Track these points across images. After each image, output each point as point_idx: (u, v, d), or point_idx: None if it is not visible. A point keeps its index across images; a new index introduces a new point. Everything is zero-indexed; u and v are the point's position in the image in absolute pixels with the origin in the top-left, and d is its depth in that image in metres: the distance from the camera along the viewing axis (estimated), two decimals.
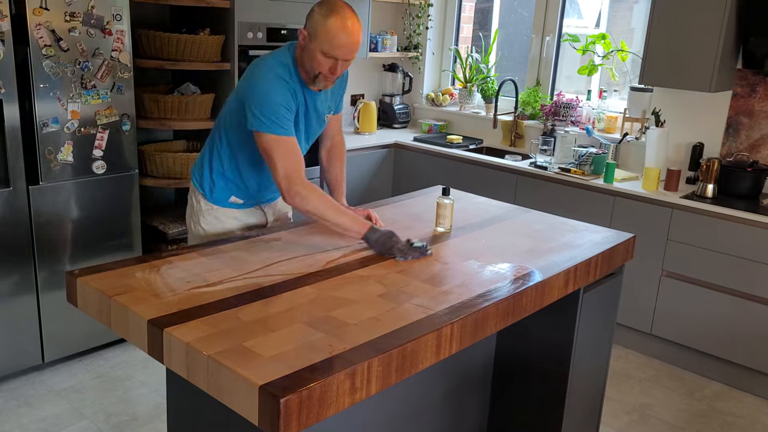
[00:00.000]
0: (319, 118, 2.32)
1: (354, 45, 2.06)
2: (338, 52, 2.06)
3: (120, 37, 3.06)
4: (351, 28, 2.04)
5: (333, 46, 2.04)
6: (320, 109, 2.29)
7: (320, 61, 2.08)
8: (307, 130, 2.31)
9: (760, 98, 3.56)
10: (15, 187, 2.89)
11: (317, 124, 2.33)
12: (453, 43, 5.08)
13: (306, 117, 2.25)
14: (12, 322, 2.99)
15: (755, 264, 3.18)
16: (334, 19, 2.03)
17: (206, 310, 1.65)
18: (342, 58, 2.08)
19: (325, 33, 2.04)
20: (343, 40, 2.04)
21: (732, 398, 3.30)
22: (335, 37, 2.03)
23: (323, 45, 2.05)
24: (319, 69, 2.10)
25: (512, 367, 2.53)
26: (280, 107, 2.08)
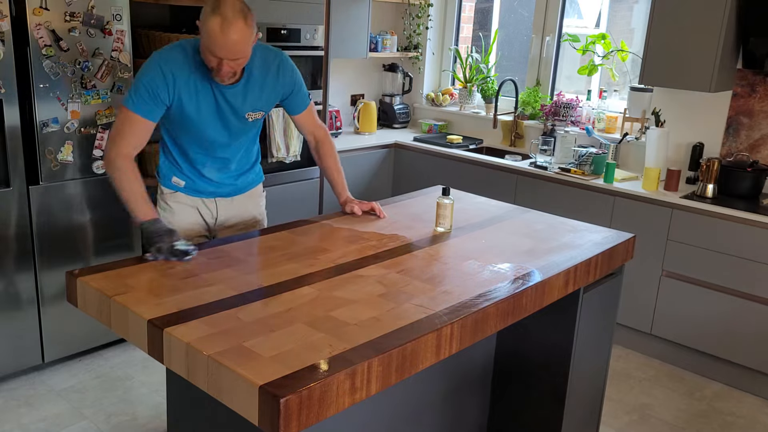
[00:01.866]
0: (236, 113, 2.27)
1: (234, 46, 2.02)
2: (219, 53, 2.04)
3: (120, 37, 3.06)
4: (227, 30, 1.99)
5: (213, 46, 2.03)
6: (234, 105, 2.25)
7: (208, 57, 2.08)
8: (221, 122, 2.27)
9: (760, 98, 3.56)
10: (15, 187, 2.89)
11: (236, 119, 2.28)
12: (453, 43, 5.08)
13: (217, 110, 2.24)
14: (12, 322, 2.99)
15: (755, 264, 3.18)
16: (213, 19, 1.99)
17: (206, 310, 1.65)
18: (225, 58, 2.05)
19: (206, 32, 2.02)
20: (221, 41, 2.00)
21: (732, 398, 3.30)
22: (214, 37, 2.01)
23: (206, 43, 2.05)
24: (209, 65, 2.10)
25: (512, 367, 2.53)
26: (141, 87, 2.12)
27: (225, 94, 2.21)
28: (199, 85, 2.18)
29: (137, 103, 2.12)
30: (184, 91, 2.16)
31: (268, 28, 3.66)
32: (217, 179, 2.42)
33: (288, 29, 3.76)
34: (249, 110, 2.29)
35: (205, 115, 2.23)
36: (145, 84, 2.12)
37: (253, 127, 2.41)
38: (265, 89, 2.29)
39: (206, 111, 2.22)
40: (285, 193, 3.98)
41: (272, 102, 2.36)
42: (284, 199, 3.97)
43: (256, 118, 2.34)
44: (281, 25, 3.72)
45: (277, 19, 3.70)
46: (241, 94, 2.24)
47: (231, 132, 2.32)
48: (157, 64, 2.13)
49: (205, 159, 2.36)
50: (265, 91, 2.30)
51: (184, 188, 2.41)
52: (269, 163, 3.84)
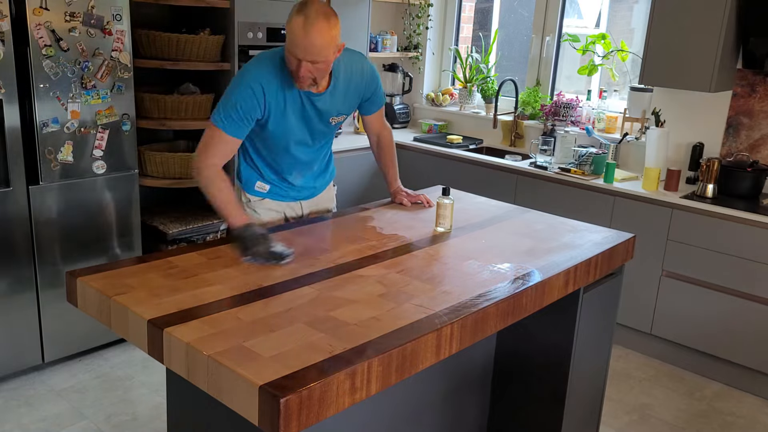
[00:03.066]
0: (322, 118, 2.30)
1: (310, 47, 2.01)
2: (296, 52, 2.04)
3: (120, 37, 3.06)
4: (309, 29, 1.99)
5: (292, 44, 2.03)
6: (321, 109, 2.27)
7: (289, 59, 2.08)
8: (307, 129, 2.31)
9: (760, 98, 3.56)
10: (15, 187, 2.89)
11: (320, 123, 2.32)
12: (453, 43, 5.08)
13: (303, 114, 2.26)
14: (12, 322, 2.99)
15: (755, 264, 3.18)
16: (297, 18, 2.01)
17: (206, 310, 1.65)
18: (302, 59, 2.04)
19: (289, 31, 2.04)
20: (299, 40, 2.01)
21: (732, 398, 3.30)
22: (295, 36, 2.02)
23: (288, 43, 2.06)
24: (290, 67, 2.10)
25: (512, 367, 2.53)
26: (231, 106, 2.12)
27: (313, 101, 2.23)
28: (287, 94, 2.19)
29: (226, 122, 2.12)
30: (274, 104, 2.18)
31: (268, 28, 3.66)
32: (300, 183, 2.48)
33: None
34: (334, 114, 2.33)
35: (291, 124, 2.25)
36: (235, 103, 2.11)
37: (335, 130, 2.45)
38: (348, 94, 2.33)
39: (293, 119, 2.25)
40: None
41: (354, 105, 2.41)
42: None
43: (339, 121, 2.38)
44: (281, 25, 3.72)
45: (277, 19, 3.70)
46: (328, 101, 2.27)
47: (314, 136, 2.36)
48: (248, 83, 2.12)
49: (290, 165, 2.40)
50: (349, 96, 2.34)
51: (270, 193, 2.45)
52: None
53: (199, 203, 3.95)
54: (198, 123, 3.60)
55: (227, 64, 3.58)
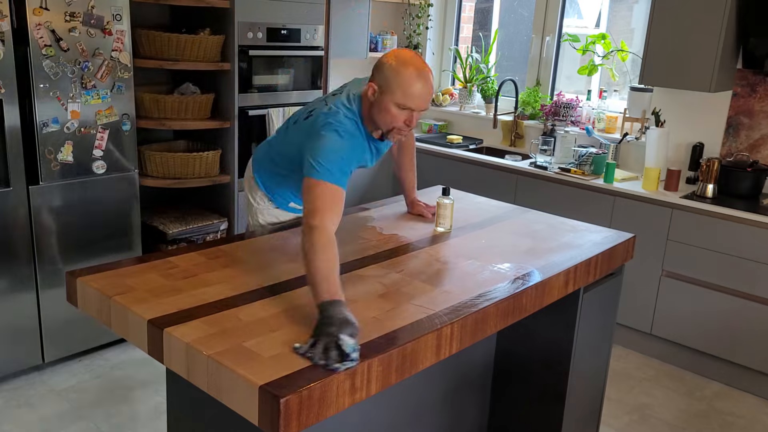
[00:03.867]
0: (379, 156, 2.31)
1: (430, 94, 2.01)
2: (414, 103, 1.99)
3: (120, 37, 3.06)
4: (426, 77, 1.99)
5: (408, 96, 1.97)
6: (381, 150, 2.28)
7: (394, 114, 2.00)
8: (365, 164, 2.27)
9: (760, 98, 3.56)
10: (15, 187, 2.89)
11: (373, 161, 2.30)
12: (453, 43, 5.08)
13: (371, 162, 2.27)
14: (12, 322, 2.99)
15: (755, 264, 3.18)
16: (409, 69, 1.96)
17: (206, 310, 1.65)
18: (418, 109, 2.01)
19: (398, 84, 1.96)
20: (419, 90, 1.97)
21: (732, 398, 3.30)
22: (410, 87, 1.96)
23: (397, 97, 1.97)
24: (394, 123, 2.02)
25: (512, 366, 2.53)
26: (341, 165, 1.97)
27: (378, 147, 2.23)
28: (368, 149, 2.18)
29: (339, 179, 1.95)
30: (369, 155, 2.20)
31: (268, 28, 3.66)
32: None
33: (288, 29, 3.77)
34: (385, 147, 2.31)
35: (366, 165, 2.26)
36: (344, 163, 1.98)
37: None
38: None
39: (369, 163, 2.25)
40: None
41: None
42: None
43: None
44: (281, 25, 3.73)
45: (277, 19, 3.70)
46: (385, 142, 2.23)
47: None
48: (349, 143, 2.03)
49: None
50: None
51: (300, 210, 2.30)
52: None
53: (199, 203, 3.95)
54: (198, 123, 3.61)
55: (227, 64, 3.58)
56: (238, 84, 3.61)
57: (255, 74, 3.68)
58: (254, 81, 3.69)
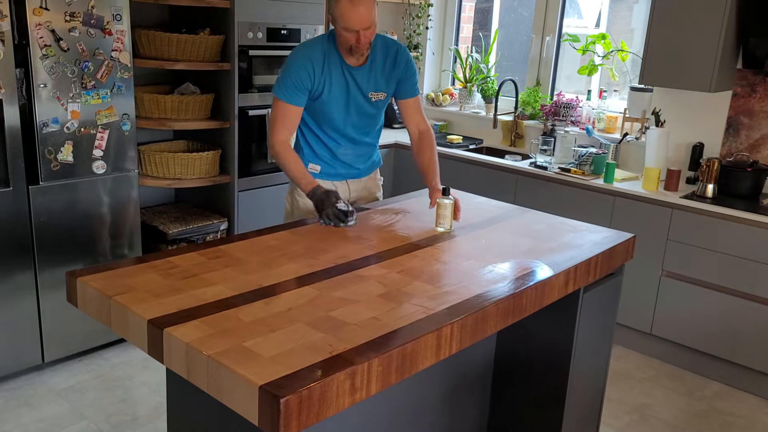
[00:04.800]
0: (362, 92, 2.59)
1: (364, 16, 2.38)
2: (354, 25, 2.39)
3: (120, 37, 3.06)
4: (358, 5, 2.37)
5: (348, 21, 2.39)
6: (361, 84, 2.57)
7: (346, 37, 2.43)
8: (350, 102, 2.60)
9: (760, 98, 3.56)
10: (15, 187, 2.89)
11: (362, 98, 2.60)
12: (453, 43, 5.08)
13: (347, 90, 2.57)
14: (12, 322, 2.99)
15: (755, 264, 3.18)
16: (343, 2, 2.38)
17: (206, 310, 1.65)
18: (360, 29, 2.40)
19: (339, 14, 2.40)
20: (353, 15, 2.38)
21: (732, 398, 3.30)
22: (347, 14, 2.38)
23: (342, 23, 2.41)
24: (349, 43, 2.44)
25: (512, 366, 2.53)
26: (288, 79, 2.50)
27: (354, 74, 2.56)
28: (333, 70, 2.53)
29: (287, 93, 2.51)
30: (321, 78, 2.52)
31: (268, 28, 3.66)
32: (348, 161, 2.73)
33: (288, 29, 3.76)
34: (372, 90, 2.61)
35: (336, 96, 2.57)
36: (290, 75, 2.51)
37: (378, 109, 2.71)
38: (385, 71, 2.62)
39: (337, 92, 2.57)
40: (285, 193, 3.97)
41: (391, 84, 2.66)
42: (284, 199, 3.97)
43: (379, 99, 2.65)
44: (281, 25, 3.72)
45: (277, 19, 3.70)
46: (367, 74, 2.58)
47: (359, 112, 2.64)
48: (299, 59, 2.52)
49: (338, 140, 2.68)
50: (385, 73, 2.62)
51: (321, 174, 2.70)
52: (269, 163, 3.85)
53: (199, 203, 3.95)
54: (198, 123, 3.61)
55: (227, 64, 3.58)
56: (238, 84, 3.61)
57: (255, 74, 3.68)
58: (254, 81, 3.69)
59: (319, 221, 2.39)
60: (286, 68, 2.53)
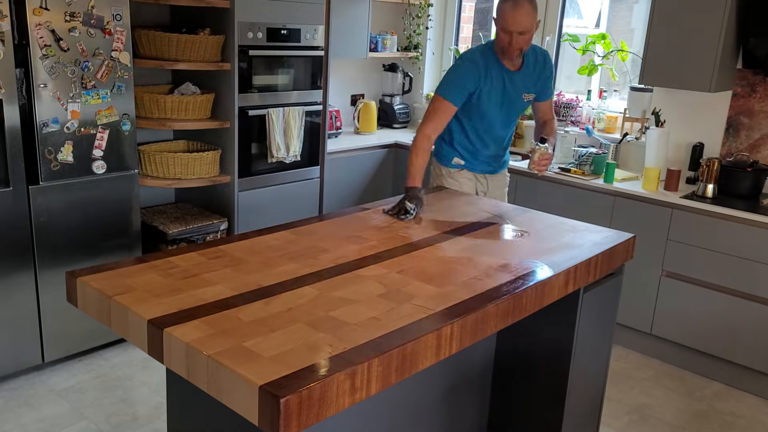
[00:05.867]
0: (517, 94, 2.89)
1: (519, 19, 2.65)
2: (507, 26, 2.68)
3: (120, 37, 3.06)
4: (517, 9, 2.65)
5: (506, 23, 2.68)
6: (518, 86, 2.88)
7: (501, 37, 2.73)
8: (505, 102, 2.89)
9: (760, 98, 3.56)
10: (15, 187, 2.89)
11: (516, 99, 2.91)
12: (453, 43, 5.08)
13: (504, 91, 2.86)
14: (12, 322, 2.99)
15: (755, 264, 3.18)
16: (506, 3, 2.68)
17: (206, 310, 1.65)
18: (513, 31, 2.67)
19: (500, 16, 2.71)
20: (511, 18, 2.66)
21: (732, 398, 3.30)
22: (506, 16, 2.67)
23: (499, 23, 2.71)
24: (501, 43, 2.74)
25: (512, 366, 2.53)
26: (455, 79, 2.80)
27: (511, 77, 2.86)
28: (492, 73, 2.82)
29: (447, 91, 2.79)
30: (483, 81, 2.81)
31: (268, 28, 3.66)
32: (488, 158, 3.04)
33: (288, 29, 3.76)
34: (525, 91, 2.92)
35: (494, 98, 2.86)
36: (456, 76, 2.81)
37: (524, 108, 3.02)
38: (534, 75, 2.93)
39: (495, 94, 2.85)
40: (285, 193, 3.98)
41: (538, 86, 2.96)
42: (284, 199, 3.98)
43: (528, 99, 2.96)
44: (281, 25, 3.72)
45: (277, 19, 3.70)
46: (521, 77, 2.88)
47: (510, 110, 2.94)
48: (465, 63, 2.83)
49: (486, 139, 2.97)
50: (534, 77, 2.93)
51: (465, 166, 3.03)
52: (269, 163, 3.85)
53: (199, 203, 3.95)
54: (198, 123, 3.61)
55: (227, 64, 3.58)
56: (238, 84, 3.61)
57: (255, 74, 3.68)
58: (254, 81, 3.69)
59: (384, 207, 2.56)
60: (453, 70, 2.85)
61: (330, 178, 4.16)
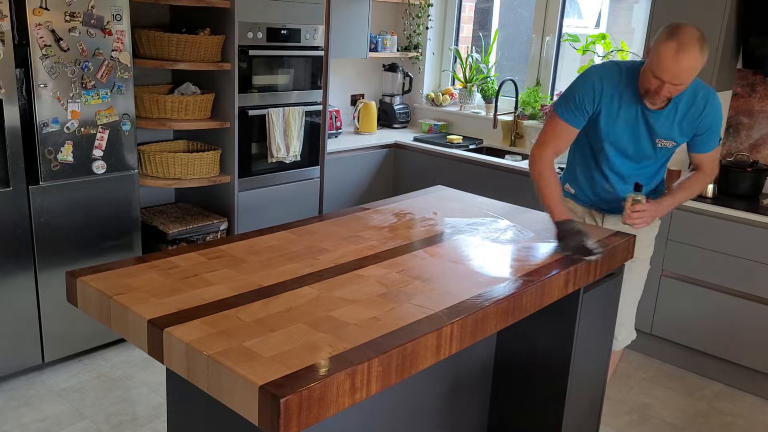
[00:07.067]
0: (651, 136, 2.40)
1: (683, 72, 2.14)
2: (663, 75, 2.17)
3: (120, 37, 3.06)
4: (682, 56, 2.12)
5: (660, 68, 2.16)
6: (653, 127, 2.38)
7: (650, 79, 2.22)
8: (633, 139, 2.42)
9: (760, 98, 3.56)
10: (15, 187, 2.89)
11: (648, 141, 2.41)
12: (453, 43, 5.08)
13: (633, 127, 2.39)
14: (12, 322, 2.99)
15: (755, 264, 3.18)
16: (669, 44, 2.14)
17: (206, 310, 1.65)
18: (669, 82, 2.18)
19: (657, 55, 2.16)
20: (671, 66, 2.14)
21: (732, 398, 3.30)
22: (665, 61, 2.14)
23: (654, 65, 2.18)
24: (647, 86, 2.25)
25: (512, 366, 2.53)
26: (571, 97, 2.37)
27: (648, 116, 2.36)
28: (624, 101, 2.35)
29: (565, 111, 2.39)
30: (607, 104, 2.36)
31: (268, 28, 3.66)
32: (605, 195, 2.59)
33: (288, 29, 3.77)
34: (662, 137, 2.41)
35: (619, 131, 2.40)
36: (575, 94, 2.37)
37: (660, 156, 2.50)
38: (684, 121, 2.38)
39: (622, 127, 2.40)
40: (285, 193, 3.98)
41: (686, 135, 2.42)
42: (284, 199, 3.98)
43: (666, 146, 2.44)
44: (281, 25, 3.73)
45: (277, 19, 3.70)
46: (662, 120, 2.36)
47: (638, 152, 2.46)
48: (590, 78, 2.37)
49: (607, 173, 2.54)
50: (684, 123, 2.39)
51: (574, 196, 2.67)
52: (269, 163, 3.85)
53: (199, 203, 3.95)
54: (198, 123, 3.61)
55: (227, 64, 3.58)
56: (238, 84, 3.61)
57: (255, 74, 3.68)
58: (254, 81, 3.69)
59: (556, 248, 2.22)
60: (574, 85, 2.41)
61: (330, 178, 4.17)
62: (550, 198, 2.39)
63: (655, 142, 2.42)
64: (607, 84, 2.34)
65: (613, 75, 2.35)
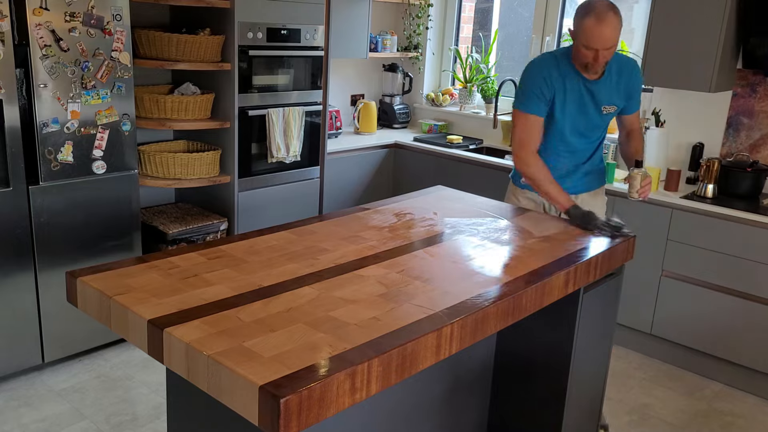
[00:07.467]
0: (596, 104, 2.66)
1: (607, 38, 2.43)
2: (595, 44, 2.45)
3: (120, 37, 3.06)
4: (602, 23, 2.42)
5: (590, 40, 2.44)
6: (596, 96, 2.65)
7: (584, 54, 2.50)
8: (583, 113, 2.67)
9: (760, 98, 3.56)
10: (15, 187, 2.89)
11: (594, 110, 2.67)
12: (453, 43, 5.08)
13: (580, 101, 2.64)
14: (12, 322, 2.99)
15: (755, 264, 3.18)
16: (588, 18, 2.44)
17: (206, 310, 1.65)
18: (601, 48, 2.45)
19: (582, 31, 2.46)
20: (597, 34, 2.43)
21: (732, 398, 3.30)
22: (590, 32, 2.44)
23: (582, 40, 2.47)
24: (585, 60, 2.52)
25: (512, 367, 2.53)
26: (529, 90, 2.59)
27: (590, 87, 2.63)
28: (567, 82, 2.61)
29: (527, 104, 2.61)
30: (557, 89, 2.61)
31: (268, 28, 3.66)
32: (565, 172, 2.76)
33: (288, 29, 3.77)
34: (605, 103, 2.68)
35: (570, 108, 2.64)
36: (531, 87, 2.60)
37: (604, 123, 2.77)
38: (619, 86, 2.69)
39: (571, 104, 2.64)
40: (285, 193, 3.98)
41: (622, 98, 2.72)
42: (284, 199, 3.98)
43: (609, 112, 2.72)
44: (281, 25, 3.73)
45: (277, 19, 3.70)
46: (603, 88, 2.65)
47: (589, 126, 2.71)
48: (537, 68, 2.62)
49: (560, 151, 2.74)
50: (619, 88, 2.69)
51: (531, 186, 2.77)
52: (269, 163, 3.85)
53: (199, 203, 3.95)
54: (198, 123, 3.61)
55: (227, 64, 3.58)
56: (238, 84, 3.61)
57: (255, 74, 3.68)
58: (254, 81, 3.69)
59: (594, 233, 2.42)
60: (524, 82, 2.64)
61: (330, 178, 4.17)
62: (553, 189, 2.58)
63: (601, 110, 2.68)
64: (551, 70, 2.59)
65: (552, 62, 2.61)
